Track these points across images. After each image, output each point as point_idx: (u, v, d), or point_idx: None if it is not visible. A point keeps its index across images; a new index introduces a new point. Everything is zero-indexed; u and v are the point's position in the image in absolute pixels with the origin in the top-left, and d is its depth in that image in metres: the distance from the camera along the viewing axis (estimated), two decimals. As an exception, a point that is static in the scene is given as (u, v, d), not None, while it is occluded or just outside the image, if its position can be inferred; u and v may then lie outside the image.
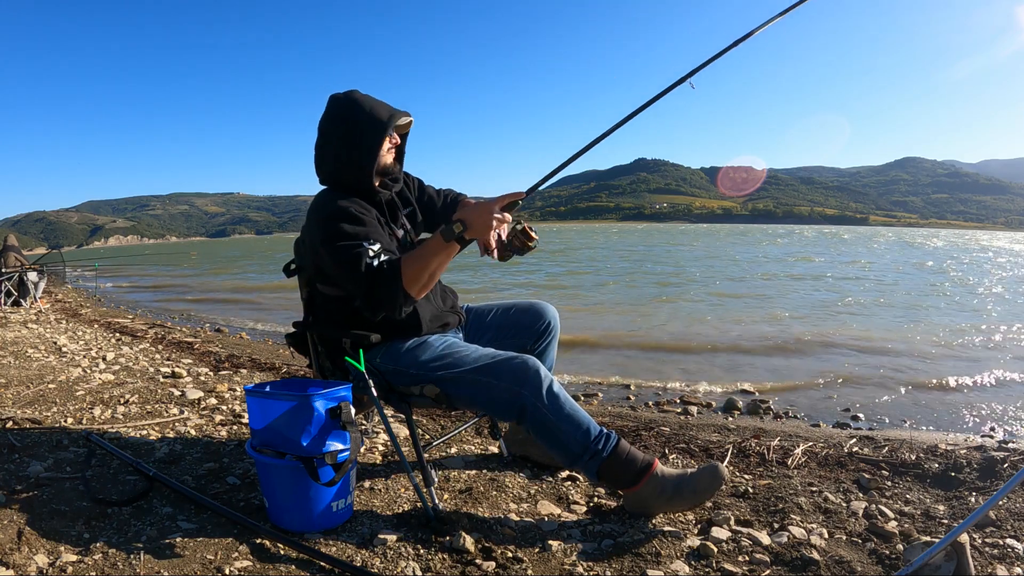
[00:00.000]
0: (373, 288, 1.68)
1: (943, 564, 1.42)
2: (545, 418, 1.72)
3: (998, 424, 3.81)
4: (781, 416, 3.89)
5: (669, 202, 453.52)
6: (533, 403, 1.71)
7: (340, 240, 1.73)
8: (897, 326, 7.70)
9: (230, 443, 2.50)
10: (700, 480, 1.78)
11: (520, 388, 1.71)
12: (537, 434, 1.76)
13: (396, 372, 1.87)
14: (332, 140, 1.86)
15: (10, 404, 3.02)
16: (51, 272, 10.30)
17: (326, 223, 1.77)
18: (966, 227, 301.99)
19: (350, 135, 1.84)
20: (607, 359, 5.81)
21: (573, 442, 1.73)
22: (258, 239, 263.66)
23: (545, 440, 1.76)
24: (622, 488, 1.81)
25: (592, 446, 1.74)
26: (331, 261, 1.76)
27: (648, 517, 1.82)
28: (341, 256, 1.71)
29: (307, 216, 1.89)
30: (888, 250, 31.13)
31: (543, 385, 1.72)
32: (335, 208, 1.78)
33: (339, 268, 1.74)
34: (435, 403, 1.86)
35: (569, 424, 1.73)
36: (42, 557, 1.51)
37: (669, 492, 1.77)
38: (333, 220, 1.76)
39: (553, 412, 1.72)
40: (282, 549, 1.61)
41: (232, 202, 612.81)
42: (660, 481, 1.77)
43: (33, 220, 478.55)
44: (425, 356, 1.85)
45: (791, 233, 66.91)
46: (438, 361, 1.83)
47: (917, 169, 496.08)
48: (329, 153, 1.88)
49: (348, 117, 1.86)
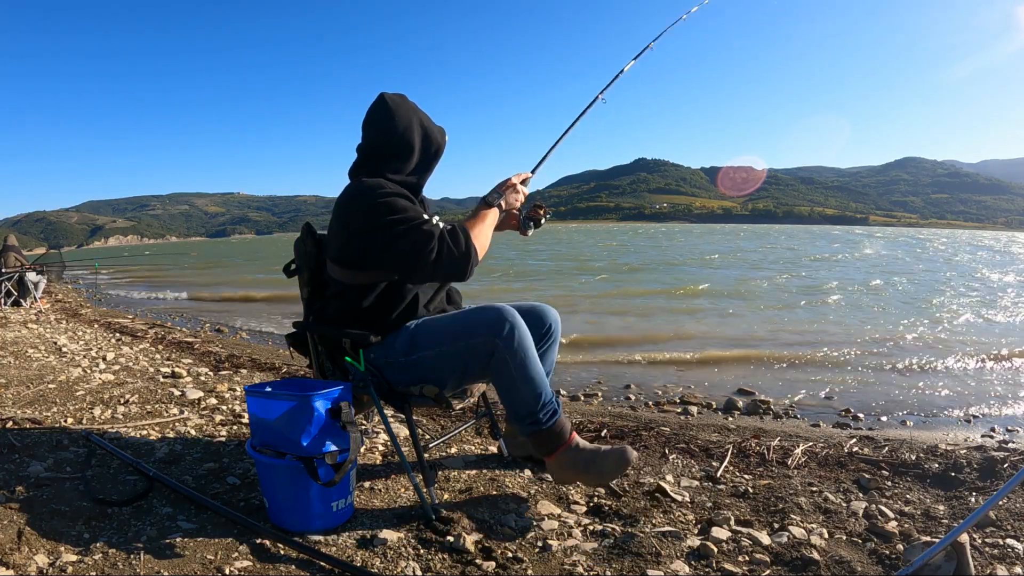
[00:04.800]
0: (450, 249, 1.76)
1: (943, 564, 1.42)
2: (508, 371, 1.79)
3: (998, 424, 3.81)
4: (781, 416, 3.89)
5: (669, 202, 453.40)
6: (503, 354, 1.78)
7: (404, 213, 1.77)
8: (902, 325, 7.70)
9: (230, 443, 2.50)
10: (607, 461, 1.84)
11: (495, 338, 1.77)
12: (495, 381, 1.84)
13: (388, 365, 1.88)
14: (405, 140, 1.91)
15: (10, 404, 3.01)
16: (51, 272, 10.29)
17: (385, 203, 1.77)
18: (966, 227, 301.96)
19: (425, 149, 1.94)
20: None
21: (522, 403, 1.82)
22: (258, 239, 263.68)
23: (500, 389, 1.85)
24: (542, 455, 1.89)
25: (537, 413, 1.82)
26: (389, 238, 1.75)
27: (563, 484, 1.99)
28: (410, 228, 1.75)
29: (347, 203, 1.84)
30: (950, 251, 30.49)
31: (515, 339, 1.78)
32: (392, 190, 1.82)
33: (404, 240, 1.75)
34: (435, 402, 1.87)
35: (526, 385, 1.80)
36: (42, 557, 1.51)
37: (580, 466, 1.84)
38: (393, 198, 1.79)
39: (517, 369, 1.79)
40: (282, 549, 1.61)
41: (232, 202, 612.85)
42: (573, 454, 1.85)
43: (33, 220, 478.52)
44: (401, 345, 1.87)
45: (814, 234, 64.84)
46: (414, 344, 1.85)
47: (917, 169, 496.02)
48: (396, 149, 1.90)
49: (428, 127, 1.96)
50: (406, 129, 1.91)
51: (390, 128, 1.90)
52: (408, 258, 1.76)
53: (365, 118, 1.95)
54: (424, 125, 1.96)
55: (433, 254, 1.74)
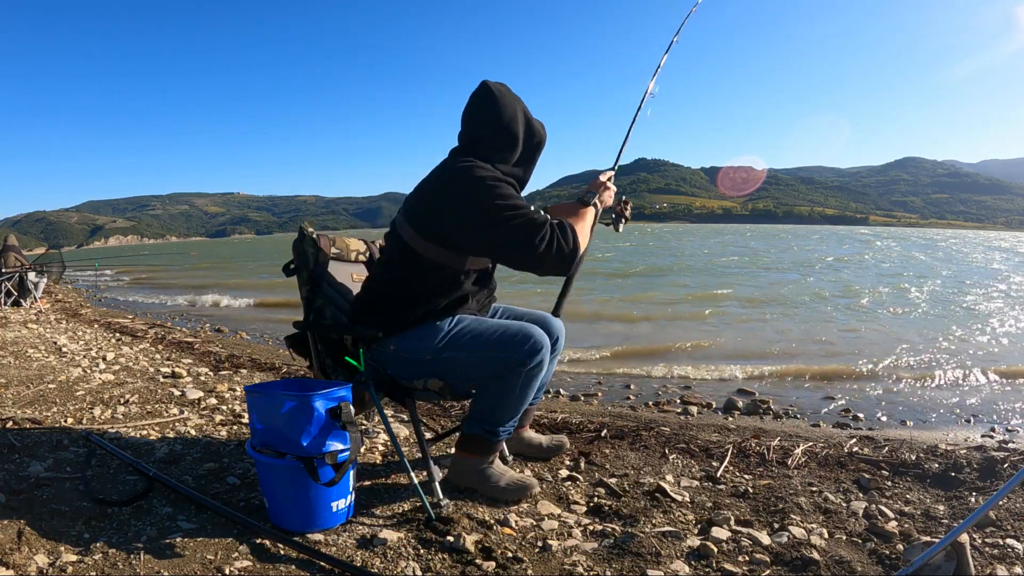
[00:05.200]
0: (559, 243, 1.75)
1: (943, 564, 1.42)
2: (511, 389, 1.85)
3: (999, 424, 3.80)
4: (781, 416, 3.89)
5: (669, 202, 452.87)
6: (519, 376, 1.83)
7: (515, 200, 1.76)
8: (907, 325, 7.70)
9: (230, 443, 2.50)
10: (505, 492, 1.96)
11: (526, 361, 1.81)
12: (490, 386, 1.88)
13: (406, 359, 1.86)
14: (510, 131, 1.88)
15: (10, 404, 3.01)
16: (51, 272, 10.29)
17: (497, 188, 1.76)
18: (967, 227, 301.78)
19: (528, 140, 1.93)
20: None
21: (497, 415, 1.90)
22: (259, 239, 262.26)
23: (487, 393, 1.90)
24: (464, 449, 1.98)
25: (498, 427, 1.92)
26: (498, 223, 1.73)
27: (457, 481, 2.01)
28: (521, 216, 1.73)
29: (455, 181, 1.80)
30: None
31: (538, 369, 1.84)
32: (503, 177, 1.81)
33: (515, 228, 1.72)
34: (439, 396, 1.87)
35: (513, 406, 1.89)
36: (42, 557, 1.51)
37: (482, 479, 1.96)
38: (504, 185, 1.78)
39: (520, 390, 1.85)
40: (282, 549, 1.61)
41: (232, 202, 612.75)
42: (485, 467, 1.97)
43: (33, 220, 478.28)
44: (436, 340, 1.84)
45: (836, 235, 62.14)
46: (452, 343, 1.84)
47: (917, 169, 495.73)
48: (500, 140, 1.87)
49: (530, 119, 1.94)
50: (511, 119, 1.87)
51: (495, 118, 1.85)
52: (516, 246, 1.74)
53: (467, 107, 1.89)
54: (527, 116, 1.93)
55: (543, 245, 1.72)
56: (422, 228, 1.83)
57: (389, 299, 1.88)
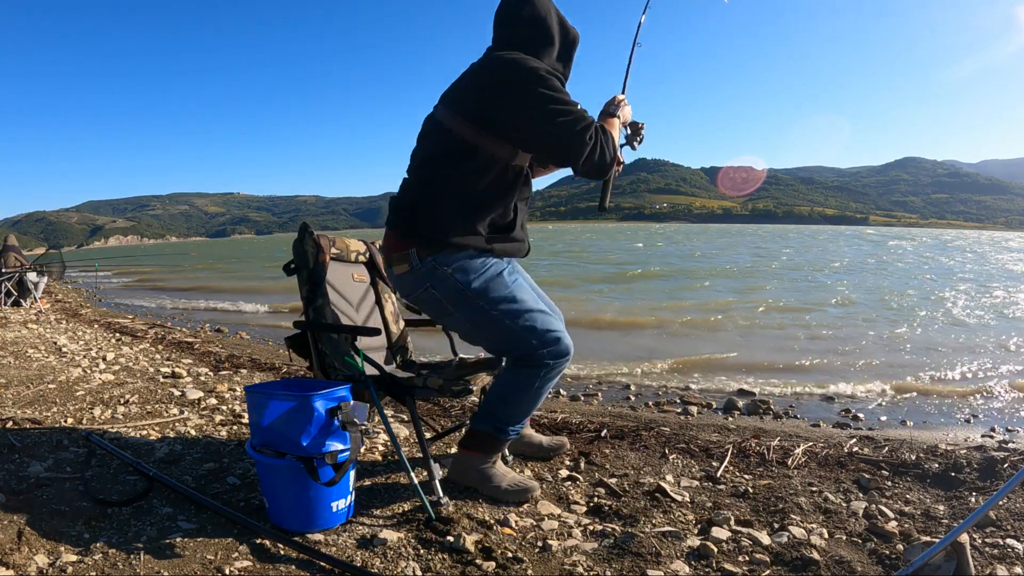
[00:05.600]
0: (603, 145, 1.78)
1: (943, 564, 1.42)
2: (528, 384, 1.86)
3: (998, 424, 3.80)
4: (781, 416, 3.89)
5: (669, 202, 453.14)
6: (539, 369, 1.84)
7: (564, 94, 1.75)
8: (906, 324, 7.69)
9: (230, 443, 2.50)
10: (507, 494, 1.97)
11: (551, 358, 1.85)
12: (508, 381, 1.90)
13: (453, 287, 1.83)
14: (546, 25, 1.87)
15: (10, 404, 3.01)
16: (51, 272, 10.29)
17: (546, 79, 1.74)
18: (967, 227, 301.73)
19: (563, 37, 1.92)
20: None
21: (510, 412, 1.92)
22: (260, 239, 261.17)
23: (497, 390, 1.93)
24: (467, 446, 2.00)
25: (508, 426, 1.94)
26: (547, 113, 1.71)
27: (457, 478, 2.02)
28: (571, 111, 1.73)
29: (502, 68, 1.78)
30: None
31: (555, 371, 1.88)
32: (549, 70, 1.79)
33: (565, 123, 1.71)
34: (438, 393, 1.87)
35: (526, 405, 1.92)
36: (42, 557, 1.51)
37: (483, 478, 1.97)
38: (552, 78, 1.76)
39: (535, 390, 1.88)
40: (282, 549, 1.61)
41: (232, 202, 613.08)
42: (488, 466, 1.98)
43: (33, 220, 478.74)
44: (495, 293, 1.84)
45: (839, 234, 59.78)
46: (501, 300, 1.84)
47: (917, 169, 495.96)
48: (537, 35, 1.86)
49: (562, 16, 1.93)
50: (546, 14, 1.88)
51: (530, 13, 1.86)
52: (565, 140, 1.73)
53: (499, 10, 1.89)
54: (559, 13, 1.93)
55: (590, 144, 1.74)
56: (474, 117, 1.78)
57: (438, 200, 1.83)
